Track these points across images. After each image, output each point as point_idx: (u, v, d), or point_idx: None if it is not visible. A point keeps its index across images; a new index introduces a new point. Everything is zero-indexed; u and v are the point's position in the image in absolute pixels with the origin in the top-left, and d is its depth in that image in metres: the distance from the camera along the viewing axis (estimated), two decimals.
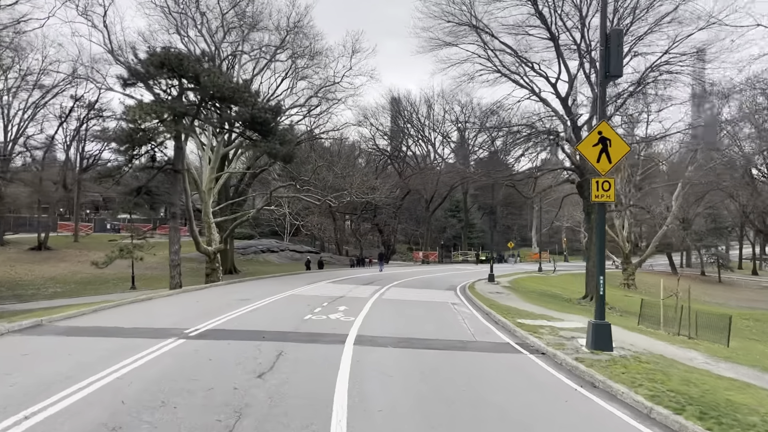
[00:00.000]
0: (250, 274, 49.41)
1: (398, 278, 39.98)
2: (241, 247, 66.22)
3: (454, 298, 26.74)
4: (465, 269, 60.20)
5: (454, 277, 44.30)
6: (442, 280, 40.09)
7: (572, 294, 39.14)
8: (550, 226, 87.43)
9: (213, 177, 40.64)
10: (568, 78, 31.16)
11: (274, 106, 33.34)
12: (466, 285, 35.90)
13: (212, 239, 39.01)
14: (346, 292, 26.95)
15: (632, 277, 58.58)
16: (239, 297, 23.11)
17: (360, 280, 36.18)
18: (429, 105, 76.30)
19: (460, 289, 33.03)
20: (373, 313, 18.87)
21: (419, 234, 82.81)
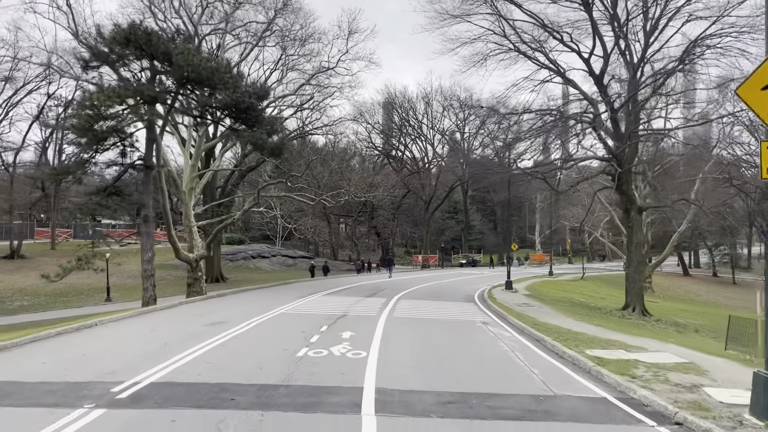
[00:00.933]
0: (238, 283, 44.42)
1: (404, 286, 35.05)
2: (230, 253, 61.06)
3: (480, 314, 21.82)
4: (471, 274, 55.28)
5: (465, 284, 39.43)
6: (454, 288, 35.22)
7: (601, 302, 34.32)
8: (555, 227, 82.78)
9: (195, 176, 35.56)
10: (603, 53, 26.34)
11: (259, 89, 28.30)
12: (483, 293, 31.07)
13: (194, 245, 33.91)
14: (349, 308, 21.97)
15: (649, 280, 53.82)
16: (214, 319, 18.07)
17: (362, 291, 31.23)
18: (427, 102, 71.57)
19: (479, 299, 28.14)
20: (389, 343, 13.89)
21: (417, 237, 77.85)
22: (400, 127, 70.56)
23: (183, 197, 34.82)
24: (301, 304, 23.61)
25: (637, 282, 26.02)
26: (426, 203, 70.81)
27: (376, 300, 25.62)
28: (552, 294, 35.64)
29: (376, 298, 26.75)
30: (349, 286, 34.55)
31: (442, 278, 46.04)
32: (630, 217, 26.23)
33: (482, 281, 43.48)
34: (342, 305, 22.93)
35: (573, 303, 29.66)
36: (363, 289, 32.82)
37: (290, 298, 25.76)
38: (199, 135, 36.89)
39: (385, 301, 25.29)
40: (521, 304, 25.91)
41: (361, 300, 25.57)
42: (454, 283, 40.24)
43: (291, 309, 21.57)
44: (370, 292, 30.37)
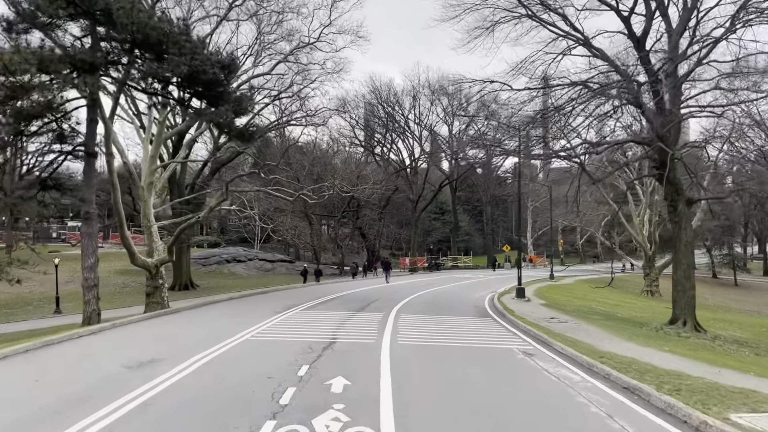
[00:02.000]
0: (210, 290, 38.78)
1: (400, 295, 29.63)
2: (202, 257, 55.17)
3: (510, 335, 16.42)
4: (465, 278, 49.97)
5: (466, 290, 34.21)
6: (456, 296, 29.94)
7: (625, 311, 29.22)
8: (549, 226, 77.84)
9: (155, 168, 29.70)
10: (645, 10, 21.16)
11: (225, 59, 22.71)
12: (493, 302, 25.95)
13: (154, 249, 28.12)
14: (337, 330, 16.47)
15: (656, 283, 49.07)
16: (151, 352, 12.46)
17: (352, 301, 25.74)
18: (414, 96, 66.24)
19: (493, 310, 22.94)
20: (408, 407, 8.40)
21: (403, 238, 72.48)
22: (386, 122, 65.06)
23: (141, 194, 29.03)
24: (276, 322, 18.05)
25: (687, 290, 20.88)
26: (413, 203, 65.49)
27: (370, 315, 20.13)
28: (570, 302, 30.50)
29: (370, 312, 21.24)
30: (336, 296, 29.02)
31: (437, 284, 40.66)
32: (677, 211, 21.10)
33: (482, 287, 38.28)
34: (328, 325, 17.40)
35: (606, 315, 24.42)
36: (352, 299, 27.30)
37: (264, 314, 20.18)
38: (160, 121, 31.09)
39: (383, 316, 19.81)
40: (549, 318, 20.61)
41: (352, 316, 20.05)
42: (454, 290, 34.94)
43: (262, 332, 16.00)
44: (362, 303, 24.87)
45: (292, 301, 25.28)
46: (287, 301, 25.35)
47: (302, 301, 25.26)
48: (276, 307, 22.91)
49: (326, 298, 27.70)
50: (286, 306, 23.16)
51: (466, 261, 72.97)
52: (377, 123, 65.96)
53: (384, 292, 32.40)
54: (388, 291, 33.02)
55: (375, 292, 31.61)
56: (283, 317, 19.51)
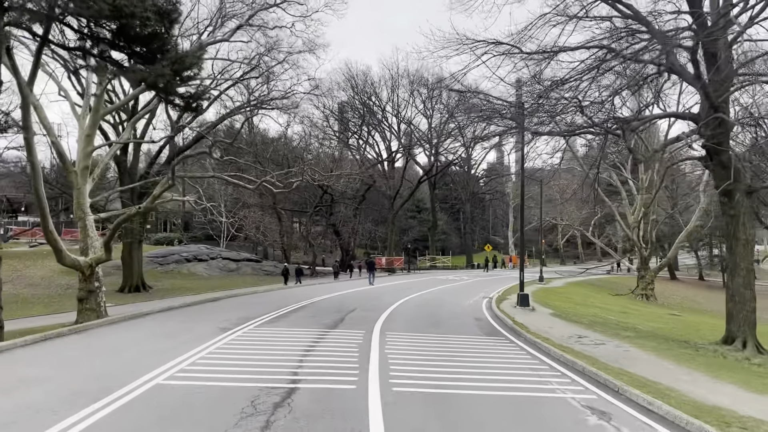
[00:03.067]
0: (164, 292, 33.28)
1: (382, 303, 24.45)
2: (160, 256, 49.23)
3: (550, 372, 11.25)
4: (448, 279, 44.98)
5: (455, 296, 29.18)
6: (447, 304, 24.78)
7: (641, 321, 24.47)
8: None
9: (90, 150, 23.99)
10: None
11: (163, 3, 17.33)
12: (495, 314, 20.97)
13: (89, 245, 22.45)
14: (301, 362, 11.19)
15: (651, 286, 44.78)
16: None
17: (325, 313, 20.34)
18: (392, 86, 61.05)
19: (506, 328, 17.83)
20: None
21: (379, 237, 67.22)
22: (362, 113, 59.64)
23: (73, 179, 23.31)
24: (217, 348, 12.69)
25: (747, 302, 16.15)
26: (391, 199, 60.36)
27: (348, 335, 14.85)
28: (576, 310, 25.74)
29: (347, 329, 15.94)
30: (307, 303, 23.63)
31: (420, 286, 35.50)
32: (734, 203, 16.38)
33: (470, 290, 33.41)
34: (289, 354, 12.07)
35: (635, 331, 19.52)
36: (327, 308, 21.89)
37: (207, 332, 14.79)
38: (96, 94, 25.35)
39: (364, 336, 14.53)
40: (577, 337, 15.68)
41: (323, 336, 14.72)
42: (442, 295, 29.85)
43: (189, 366, 10.61)
44: (338, 314, 19.55)
45: (251, 312, 19.90)
46: (245, 311, 19.98)
47: (263, 312, 19.88)
48: (228, 319, 17.52)
49: (295, 306, 22.35)
50: (240, 318, 17.78)
51: (445, 261, 68.16)
52: (353, 113, 60.48)
53: (364, 297, 27.17)
54: (368, 296, 27.81)
55: (354, 298, 26.41)
56: (231, 338, 14.13)
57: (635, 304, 38.62)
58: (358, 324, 17.11)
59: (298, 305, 22.59)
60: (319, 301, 24.92)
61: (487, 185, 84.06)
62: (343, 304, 23.26)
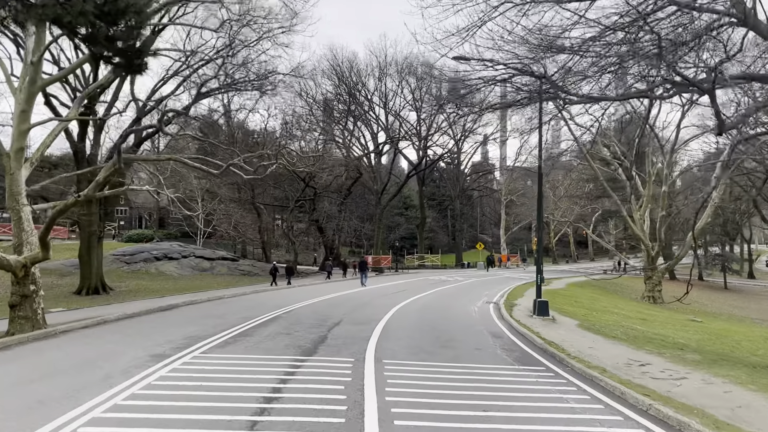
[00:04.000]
0: (125, 295, 28.78)
1: (373, 311, 20.04)
2: (127, 254, 44.48)
3: None
4: (441, 280, 40.70)
5: (456, 300, 24.81)
6: (451, 313, 20.29)
7: (670, 330, 20.33)
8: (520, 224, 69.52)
9: (25, 129, 19.28)
10: None
11: None
12: (510, 323, 16.73)
13: (25, 241, 17.78)
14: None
15: (658, 288, 40.92)
16: None
17: (302, 327, 15.69)
18: (379, 75, 56.60)
19: (537, 350, 13.43)
20: None
21: (365, 234, 62.71)
22: (347, 102, 55.01)
23: (5, 164, 18.60)
24: (129, 397, 8.21)
25: None
26: (378, 194, 55.93)
27: (328, 371, 10.18)
28: (599, 319, 21.57)
29: (328, 358, 11.30)
30: (283, 311, 19.03)
31: (414, 289, 31.16)
32: None
33: (469, 293, 29.22)
34: (237, 411, 7.64)
35: (696, 351, 15.30)
36: (306, 319, 17.13)
37: (127, 366, 10.19)
38: (33, 61, 20.65)
39: (352, 372, 9.95)
40: (638, 364, 11.42)
41: (293, 372, 10.02)
42: (441, 300, 25.41)
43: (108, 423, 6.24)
44: (319, 330, 14.91)
45: (208, 326, 15.35)
46: (200, 326, 15.45)
47: (224, 326, 15.31)
48: (171, 340, 12.98)
49: (267, 315, 17.83)
50: (188, 338, 13.24)
51: (434, 260, 63.90)
52: (338, 102, 55.80)
53: (354, 302, 22.70)
54: (359, 301, 23.34)
55: (343, 303, 21.96)
56: (161, 374, 9.59)
57: (648, 308, 34.69)
58: (346, 345, 12.70)
59: (272, 314, 18.06)
60: (301, 307, 20.43)
61: (475, 182, 79.92)
62: (328, 313, 18.80)
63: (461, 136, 65.79)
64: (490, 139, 69.65)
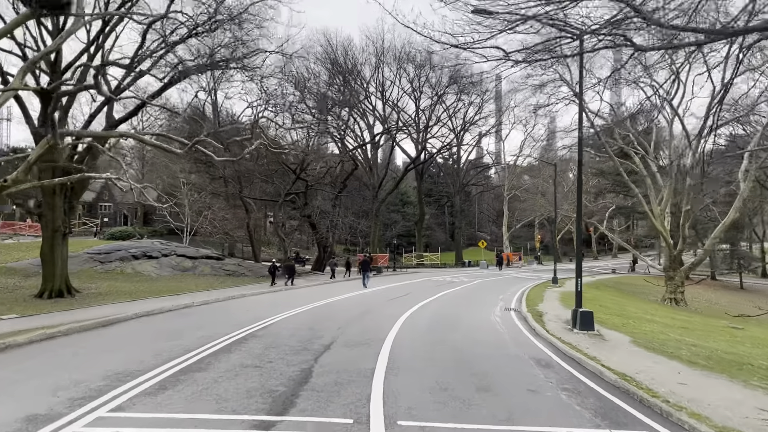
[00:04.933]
0: (93, 299, 24.51)
1: (374, 323, 15.82)
2: (103, 252, 40.09)
3: None
4: (445, 281, 36.55)
5: (470, 305, 20.53)
6: (473, 325, 15.93)
7: (730, 345, 16.27)
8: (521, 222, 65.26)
9: None
10: None
11: None
12: (551, 342, 12.71)
13: None
14: None
15: (681, 289, 36.94)
16: None
17: (280, 354, 11.17)
18: (376, 63, 52.35)
19: (617, 393, 9.09)
20: None
21: (360, 231, 58.38)
22: (342, 90, 50.61)
23: None
24: None
25: None
26: (374, 189, 51.72)
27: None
28: (644, 330, 17.50)
29: (308, 420, 7.12)
30: (260, 326, 14.64)
31: (420, 293, 26.97)
32: None
33: (481, 296, 25.06)
34: None
35: None
36: (287, 342, 12.48)
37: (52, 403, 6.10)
38: None
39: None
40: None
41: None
42: (450, 304, 21.08)
43: None
44: (302, 361, 10.33)
45: (150, 352, 10.99)
46: (141, 351, 11.14)
47: (171, 354, 10.86)
48: (82, 379, 8.72)
49: (236, 334, 13.48)
50: (111, 377, 8.90)
51: (433, 258, 59.67)
52: (330, 89, 51.35)
53: (352, 311, 18.33)
54: (358, 309, 18.99)
55: (337, 314, 17.59)
56: None
57: (677, 313, 30.68)
58: (340, 387, 8.47)
59: (245, 330, 13.77)
60: (286, 318, 16.15)
61: (474, 177, 75.68)
62: (319, 327, 14.49)
63: (461, 128, 61.64)
64: (491, 132, 65.36)
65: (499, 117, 61.34)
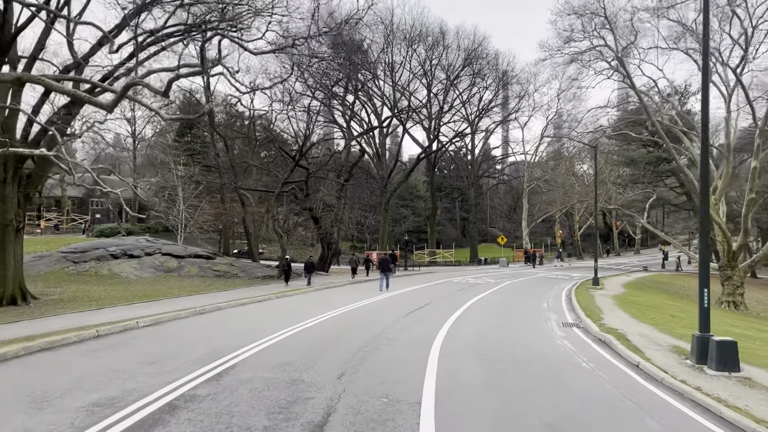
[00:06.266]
0: (51, 306, 19.51)
1: (387, 362, 10.22)
2: (78, 250, 34.77)
3: None
4: (468, 283, 30.94)
5: (517, 320, 14.75)
6: (540, 358, 10.14)
7: None
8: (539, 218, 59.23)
9: None
10: None
11: None
12: (730, 414, 6.75)
13: None
14: None
15: (741, 290, 31.20)
16: None
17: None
18: (386, 41, 46.64)
19: None
20: None
21: (367, 227, 52.70)
22: (348, 74, 44.73)
23: None
24: None
25: None
26: (383, 180, 46.07)
27: None
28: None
29: None
30: (227, 364, 9.13)
31: (445, 298, 21.37)
32: None
33: (518, 303, 19.46)
34: None
35: None
36: (248, 405, 7.22)
37: None
38: None
39: None
40: None
41: None
42: (492, 320, 15.29)
43: None
44: None
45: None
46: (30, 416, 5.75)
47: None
48: None
49: (193, 379, 8.10)
50: None
51: (447, 256, 53.96)
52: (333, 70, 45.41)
53: (359, 338, 12.49)
54: (367, 333, 13.26)
55: (336, 345, 11.82)
56: None
57: (751, 320, 25.00)
58: None
59: (185, 385, 8.15)
60: (256, 354, 10.42)
61: (489, 169, 69.83)
62: (305, 376, 8.79)
63: (476, 115, 55.83)
64: (510, 119, 59.28)
65: (518, 102, 55.38)
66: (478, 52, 48.78)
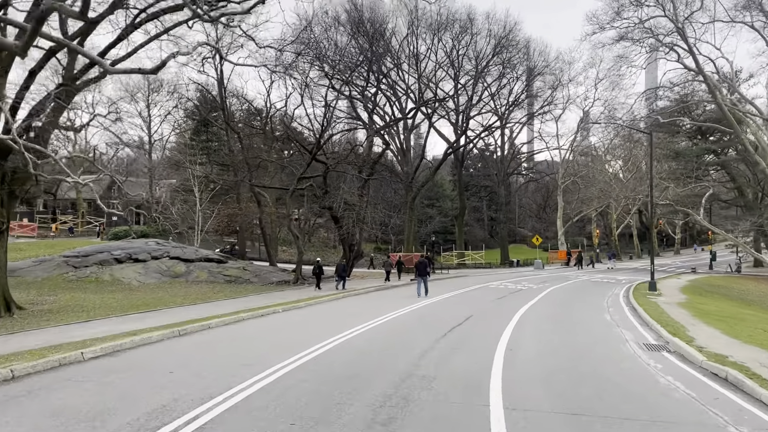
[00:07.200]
0: (40, 317, 16.82)
1: (425, 414, 6.71)
2: (80, 254, 32.17)
3: None
4: (508, 289, 27.25)
5: (591, 345, 11.06)
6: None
7: None
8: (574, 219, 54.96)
9: None
10: None
11: None
12: None
13: None
14: None
15: None
16: None
17: None
18: (410, 27, 43.08)
19: None
20: None
21: (391, 228, 49.03)
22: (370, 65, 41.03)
23: None
24: None
25: None
26: (408, 177, 42.52)
27: None
28: None
29: None
30: (229, 403, 6.05)
31: (484, 310, 17.79)
32: None
33: (579, 317, 15.69)
34: None
35: None
36: None
37: None
38: None
39: None
40: None
41: None
42: (557, 342, 11.66)
43: None
44: None
45: None
46: None
47: None
48: None
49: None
50: None
51: (477, 257, 50.11)
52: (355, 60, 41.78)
53: (381, 377, 9.05)
54: (391, 369, 9.70)
55: (347, 392, 8.57)
56: None
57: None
58: None
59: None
60: (247, 400, 7.20)
61: (519, 166, 65.72)
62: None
63: (506, 108, 51.94)
64: (542, 111, 55.06)
65: (552, 93, 51.22)
66: (510, 39, 44.96)
